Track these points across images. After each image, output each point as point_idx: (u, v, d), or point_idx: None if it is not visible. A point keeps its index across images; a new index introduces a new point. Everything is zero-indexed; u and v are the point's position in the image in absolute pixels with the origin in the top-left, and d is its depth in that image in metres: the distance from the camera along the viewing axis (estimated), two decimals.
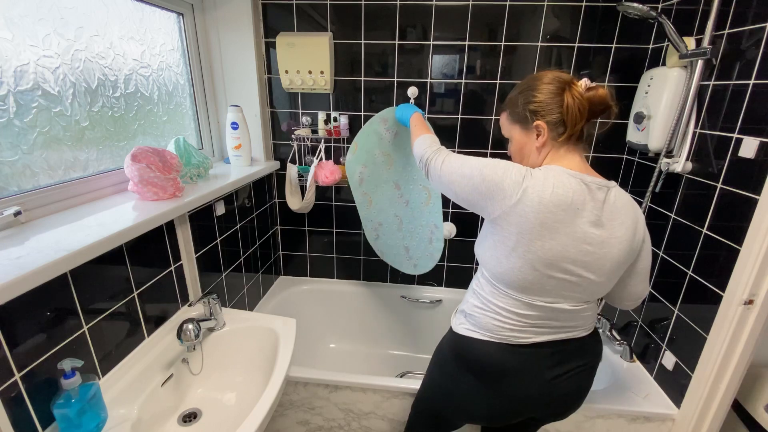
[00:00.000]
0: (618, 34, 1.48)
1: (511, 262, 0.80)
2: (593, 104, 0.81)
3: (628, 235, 0.81)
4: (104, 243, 0.81)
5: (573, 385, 0.91)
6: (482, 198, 0.81)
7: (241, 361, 1.14)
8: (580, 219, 0.77)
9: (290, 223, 1.93)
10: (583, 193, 0.78)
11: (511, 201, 0.77)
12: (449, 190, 0.88)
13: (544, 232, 0.76)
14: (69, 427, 0.75)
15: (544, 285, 0.81)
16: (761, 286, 1.00)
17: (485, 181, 0.80)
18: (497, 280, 0.86)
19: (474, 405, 0.94)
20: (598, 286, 0.84)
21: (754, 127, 1.02)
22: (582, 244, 0.78)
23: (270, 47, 1.61)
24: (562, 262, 0.78)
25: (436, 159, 0.92)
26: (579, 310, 0.86)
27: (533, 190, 0.76)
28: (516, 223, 0.77)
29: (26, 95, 0.87)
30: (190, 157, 1.26)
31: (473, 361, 0.91)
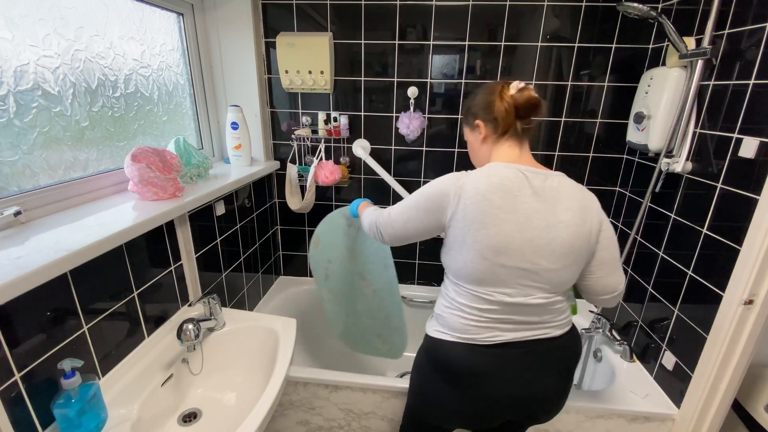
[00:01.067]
0: (618, 34, 1.48)
1: (464, 255, 0.84)
2: (519, 104, 0.87)
3: (576, 221, 0.83)
4: (104, 243, 0.81)
5: (549, 388, 0.91)
6: (433, 213, 0.87)
7: (241, 361, 1.14)
8: (520, 204, 0.81)
9: (290, 223, 1.93)
10: (519, 179, 0.83)
11: (455, 200, 0.83)
12: (405, 230, 0.94)
13: (486, 219, 0.81)
14: (69, 427, 0.75)
15: (497, 274, 0.83)
16: (761, 286, 1.00)
17: (428, 197, 0.88)
18: (456, 277, 0.89)
19: (450, 408, 0.93)
20: (554, 275, 0.84)
21: (754, 127, 1.02)
22: (526, 229, 0.81)
23: (270, 47, 1.61)
24: (509, 248, 0.81)
25: (382, 215, 0.99)
26: (543, 304, 0.86)
27: (470, 184, 0.83)
28: (462, 217, 0.83)
29: (26, 95, 0.87)
30: (190, 157, 1.26)
31: (444, 363, 0.91)
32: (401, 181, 1.72)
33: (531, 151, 0.92)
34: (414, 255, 1.90)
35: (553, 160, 1.68)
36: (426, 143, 1.70)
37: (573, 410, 1.28)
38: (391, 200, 1.80)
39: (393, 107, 1.66)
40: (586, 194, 0.87)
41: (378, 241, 1.02)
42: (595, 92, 1.57)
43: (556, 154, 1.67)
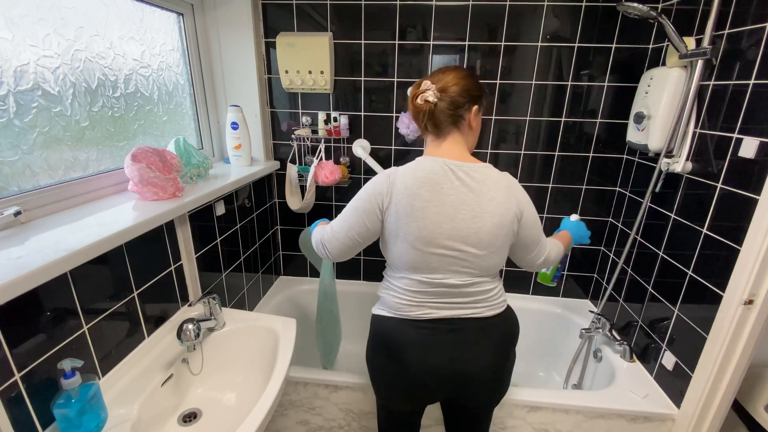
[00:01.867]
0: (618, 34, 1.48)
1: (398, 246, 0.91)
2: (412, 110, 0.96)
3: (500, 210, 0.88)
4: (104, 243, 0.81)
5: (480, 366, 0.94)
6: (371, 213, 0.91)
7: (241, 361, 1.14)
8: (447, 197, 0.87)
9: (290, 223, 1.93)
10: (445, 173, 0.88)
11: (388, 197, 0.89)
12: (348, 238, 0.96)
13: (416, 213, 0.87)
14: (69, 427, 0.74)
15: (429, 262, 0.90)
16: (761, 286, 1.00)
17: (363, 199, 0.92)
18: (393, 266, 0.97)
19: (393, 382, 0.98)
20: (482, 260, 0.90)
21: (754, 127, 1.02)
22: (453, 220, 0.87)
23: (270, 47, 1.61)
24: (438, 239, 0.88)
25: (325, 231, 1.02)
26: (471, 283, 0.92)
27: (399, 180, 0.89)
28: (394, 211, 0.89)
29: (26, 95, 0.87)
30: (190, 157, 1.26)
31: (382, 337, 0.99)
32: None
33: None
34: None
35: (553, 160, 1.68)
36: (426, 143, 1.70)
37: (573, 410, 1.28)
38: None
39: (393, 107, 1.66)
40: (510, 184, 0.92)
41: (324, 257, 1.04)
42: (595, 92, 1.57)
43: (556, 154, 1.67)
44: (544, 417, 1.31)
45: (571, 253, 1.82)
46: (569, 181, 1.70)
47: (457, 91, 0.90)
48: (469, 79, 0.92)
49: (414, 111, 0.95)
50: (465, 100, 0.91)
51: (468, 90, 0.91)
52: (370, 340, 1.04)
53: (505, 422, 1.34)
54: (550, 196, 1.73)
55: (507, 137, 1.67)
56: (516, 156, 1.68)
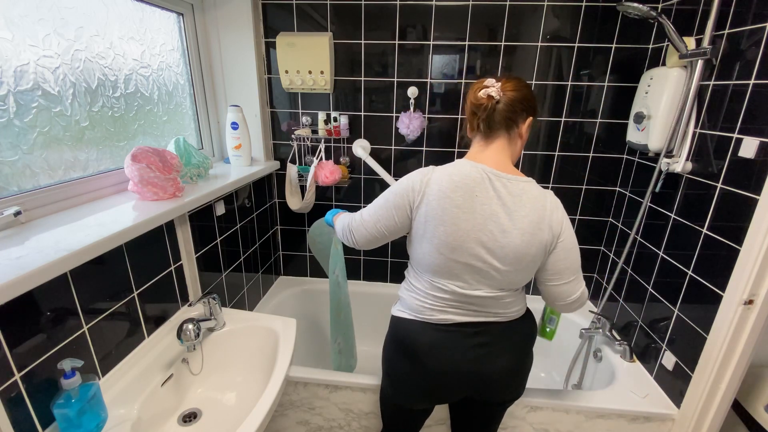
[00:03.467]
0: (618, 34, 1.48)
1: (423, 247, 0.90)
2: (473, 104, 0.92)
3: (532, 229, 0.85)
4: (104, 243, 0.81)
5: (500, 366, 0.95)
6: (401, 209, 0.91)
7: (241, 361, 1.14)
8: (479, 206, 0.85)
9: (290, 223, 1.93)
10: (482, 180, 0.86)
11: (420, 196, 0.88)
12: (376, 230, 0.96)
13: (445, 217, 0.85)
14: (69, 427, 0.75)
15: (451, 269, 0.89)
16: (761, 286, 1.00)
17: (396, 194, 0.92)
18: (416, 266, 0.96)
19: (412, 382, 0.99)
20: (506, 275, 0.89)
21: (754, 127, 1.02)
22: (482, 231, 0.85)
23: (270, 47, 1.61)
24: (462, 246, 0.86)
25: (354, 218, 1.02)
26: (495, 297, 0.91)
27: (435, 180, 0.87)
28: (424, 212, 0.88)
29: (26, 95, 0.87)
30: (190, 157, 1.26)
31: (403, 339, 0.98)
32: None
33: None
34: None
35: (553, 160, 1.68)
36: (426, 143, 1.70)
37: (573, 410, 1.28)
38: None
39: (393, 107, 1.66)
40: (548, 203, 0.88)
41: (350, 244, 1.04)
42: (595, 92, 1.57)
43: (556, 154, 1.67)
44: (544, 417, 1.31)
45: None
46: (569, 181, 1.70)
47: (518, 97, 0.89)
48: (529, 91, 0.92)
49: (473, 105, 0.92)
50: (523, 107, 0.90)
51: (528, 99, 0.91)
52: (390, 340, 1.03)
53: (505, 422, 1.34)
54: None
55: None
56: None
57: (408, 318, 0.98)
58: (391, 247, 1.90)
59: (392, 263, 1.94)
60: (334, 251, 1.42)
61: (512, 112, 0.90)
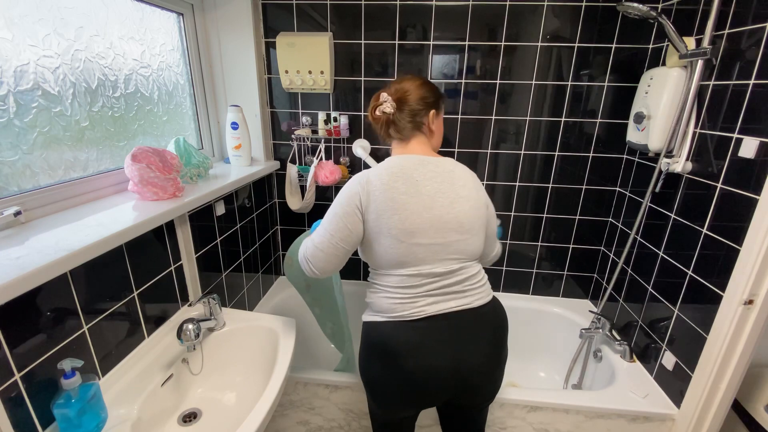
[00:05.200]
0: (618, 34, 1.48)
1: (381, 243, 0.92)
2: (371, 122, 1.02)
3: (473, 194, 0.96)
4: (104, 243, 0.81)
5: (477, 358, 0.94)
6: (351, 216, 0.92)
7: (241, 361, 1.14)
8: (423, 188, 0.91)
9: (290, 223, 1.93)
10: (416, 165, 0.93)
11: (365, 195, 0.91)
12: (333, 246, 0.94)
13: (395, 206, 0.89)
14: (69, 427, 0.74)
15: (415, 254, 0.91)
16: (761, 286, 1.00)
17: (341, 204, 0.93)
18: (379, 267, 0.97)
19: (390, 389, 0.96)
20: (464, 244, 0.94)
21: (754, 127, 1.02)
22: (432, 208, 0.91)
23: (270, 47, 1.61)
24: (420, 228, 0.90)
25: (306, 246, 1.00)
26: (459, 269, 0.94)
27: (374, 178, 0.92)
28: (374, 209, 0.90)
29: (26, 95, 0.87)
30: (190, 157, 1.26)
31: (377, 344, 0.96)
32: None
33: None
34: None
35: (553, 160, 1.68)
36: None
37: (573, 410, 1.28)
38: None
39: None
40: (473, 175, 1.00)
41: (311, 275, 0.99)
42: (595, 92, 1.57)
43: (556, 154, 1.67)
44: (544, 417, 1.31)
45: (571, 253, 1.83)
46: (569, 181, 1.70)
47: (413, 99, 0.96)
48: (423, 87, 0.98)
49: (373, 122, 1.01)
50: (421, 107, 0.97)
51: (423, 98, 0.97)
52: (364, 349, 1.00)
53: (505, 422, 1.34)
54: (550, 196, 1.73)
55: (507, 137, 1.67)
56: (516, 156, 1.68)
57: (379, 321, 0.97)
58: None
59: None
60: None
61: (412, 115, 0.97)
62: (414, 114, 0.97)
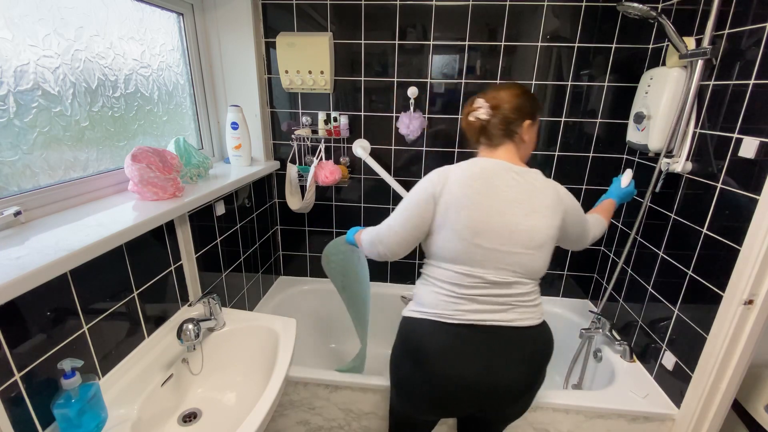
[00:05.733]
0: (618, 34, 1.48)
1: (442, 236, 0.92)
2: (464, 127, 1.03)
3: (550, 212, 0.92)
4: (104, 243, 0.81)
5: (512, 380, 0.91)
6: (425, 203, 0.93)
7: (241, 361, 1.14)
8: (501, 192, 0.90)
9: (290, 223, 1.93)
10: (500, 170, 0.92)
11: (440, 186, 0.92)
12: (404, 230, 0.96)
13: (467, 202, 0.89)
14: (69, 427, 0.74)
15: (473, 254, 0.90)
16: (761, 286, 1.00)
17: (418, 191, 0.95)
18: (435, 258, 0.97)
19: (419, 391, 0.95)
20: (528, 259, 0.90)
21: (754, 127, 1.02)
22: (505, 215, 0.89)
23: (270, 47, 1.61)
24: (486, 230, 0.88)
25: (380, 227, 1.03)
26: (513, 283, 0.91)
27: (453, 173, 0.93)
28: (445, 201, 0.91)
29: (26, 95, 0.87)
30: (190, 157, 1.26)
31: (412, 341, 0.96)
32: (401, 181, 1.72)
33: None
34: (414, 256, 1.90)
35: (553, 160, 1.68)
36: (426, 143, 1.70)
37: (573, 410, 1.28)
38: (391, 200, 1.80)
39: (393, 107, 1.66)
40: (557, 186, 0.97)
41: (378, 257, 1.04)
42: (595, 92, 1.57)
43: (556, 154, 1.67)
44: (544, 417, 1.31)
45: (570, 253, 1.83)
46: (569, 181, 1.70)
47: (510, 108, 0.95)
48: (521, 97, 0.96)
49: (466, 127, 1.01)
50: (516, 116, 0.95)
51: (520, 108, 0.95)
52: (399, 344, 1.00)
53: None
54: None
55: None
56: None
57: (419, 318, 0.95)
58: None
59: (392, 264, 1.94)
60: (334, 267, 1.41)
61: (506, 124, 0.95)
62: (508, 122, 0.95)
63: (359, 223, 1.86)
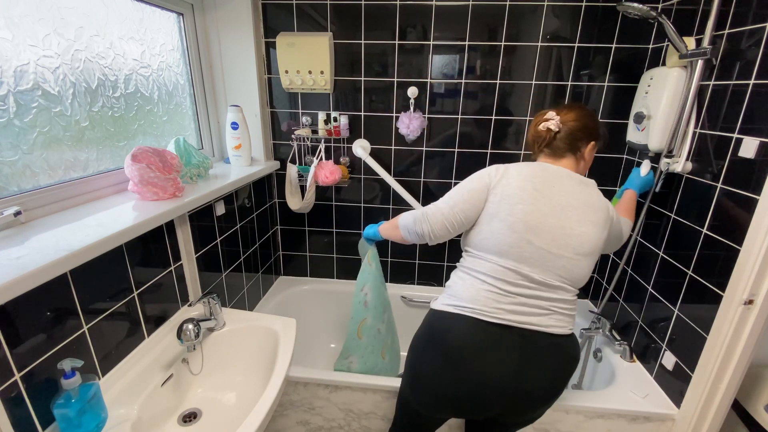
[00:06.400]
0: (618, 34, 1.48)
1: (492, 226, 0.92)
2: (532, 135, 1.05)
3: (603, 222, 0.95)
4: (104, 243, 0.81)
5: (539, 386, 0.91)
6: (478, 192, 0.95)
7: (241, 361, 1.14)
8: (557, 195, 0.91)
9: (290, 223, 1.93)
10: (560, 175, 0.95)
11: (497, 178, 0.94)
12: (452, 213, 0.97)
13: (525, 196, 0.90)
14: (69, 427, 0.75)
15: (522, 250, 0.89)
16: (761, 286, 1.00)
17: (474, 179, 0.98)
18: (477, 249, 0.96)
19: (440, 387, 0.92)
20: (575, 264, 0.91)
21: (754, 127, 1.02)
22: (560, 217, 0.90)
23: (270, 47, 1.61)
24: (540, 228, 0.89)
25: (429, 208, 1.03)
26: (555, 287, 0.91)
27: (513, 168, 0.96)
28: (501, 192, 0.92)
29: (26, 95, 0.87)
30: (190, 157, 1.26)
31: (442, 335, 0.92)
32: (401, 181, 1.72)
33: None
34: (414, 255, 1.90)
35: None
36: (426, 143, 1.70)
37: (573, 410, 1.28)
38: (391, 200, 1.80)
39: (393, 107, 1.66)
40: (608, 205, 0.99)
41: (419, 239, 1.04)
42: (595, 92, 1.57)
43: None
44: (544, 417, 1.30)
45: None
46: None
47: (578, 126, 0.99)
48: (589, 119, 1.01)
49: (534, 135, 1.04)
50: (583, 135, 1.00)
51: (587, 128, 1.00)
52: (425, 337, 0.97)
53: None
54: None
55: (507, 137, 1.67)
56: (516, 156, 1.68)
57: (453, 312, 0.92)
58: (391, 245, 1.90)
59: (392, 263, 1.94)
60: (366, 268, 1.42)
61: (572, 139, 0.99)
62: (575, 138, 0.99)
63: (359, 223, 1.86)
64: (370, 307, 1.45)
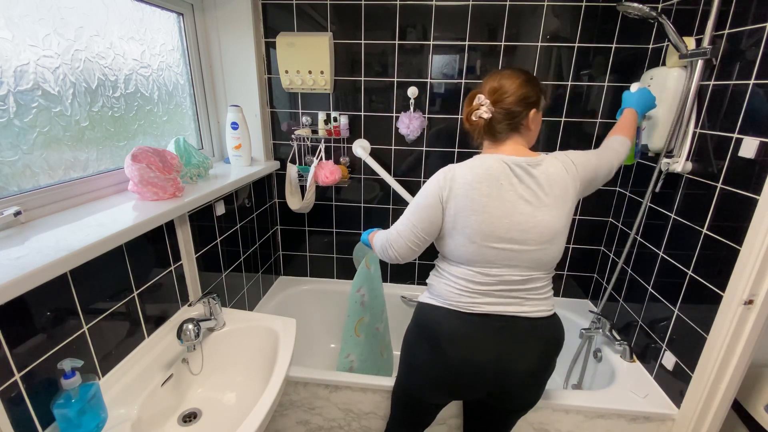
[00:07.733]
0: (618, 34, 1.48)
1: (454, 239, 0.92)
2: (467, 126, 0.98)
3: (558, 203, 0.90)
4: (104, 243, 0.81)
5: (523, 368, 0.94)
6: (432, 208, 0.92)
7: (241, 361, 1.14)
8: (506, 192, 0.88)
9: (290, 223, 1.93)
10: (504, 169, 0.89)
11: (447, 191, 0.90)
12: (413, 235, 0.97)
13: (475, 207, 0.88)
14: (69, 427, 0.75)
15: (486, 256, 0.90)
16: (761, 286, 1.00)
17: (424, 195, 0.94)
18: (447, 257, 0.98)
19: (432, 373, 0.98)
20: (541, 253, 0.91)
21: (754, 127, 1.02)
22: (513, 215, 0.88)
23: (270, 47, 1.61)
24: (496, 233, 0.88)
25: (390, 233, 1.02)
26: (528, 278, 0.92)
27: (459, 175, 0.90)
28: (454, 205, 0.90)
29: (26, 95, 0.87)
30: (190, 157, 1.26)
31: (428, 326, 0.98)
32: (401, 181, 1.73)
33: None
34: None
35: None
36: (426, 143, 1.70)
37: (573, 410, 1.28)
38: (392, 200, 1.80)
39: (393, 107, 1.66)
40: (565, 163, 0.94)
41: (391, 260, 1.04)
42: (595, 92, 1.57)
43: None
44: (544, 417, 1.31)
45: (571, 253, 1.83)
46: None
47: (513, 101, 0.89)
48: (524, 87, 0.90)
49: (469, 128, 0.96)
50: (521, 108, 0.90)
51: (524, 98, 0.90)
52: (414, 326, 1.03)
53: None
54: None
55: None
56: None
57: (435, 305, 0.98)
58: None
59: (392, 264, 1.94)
60: (363, 271, 1.43)
61: (511, 118, 0.91)
62: (513, 116, 0.90)
63: (359, 223, 1.86)
64: (367, 306, 1.46)
